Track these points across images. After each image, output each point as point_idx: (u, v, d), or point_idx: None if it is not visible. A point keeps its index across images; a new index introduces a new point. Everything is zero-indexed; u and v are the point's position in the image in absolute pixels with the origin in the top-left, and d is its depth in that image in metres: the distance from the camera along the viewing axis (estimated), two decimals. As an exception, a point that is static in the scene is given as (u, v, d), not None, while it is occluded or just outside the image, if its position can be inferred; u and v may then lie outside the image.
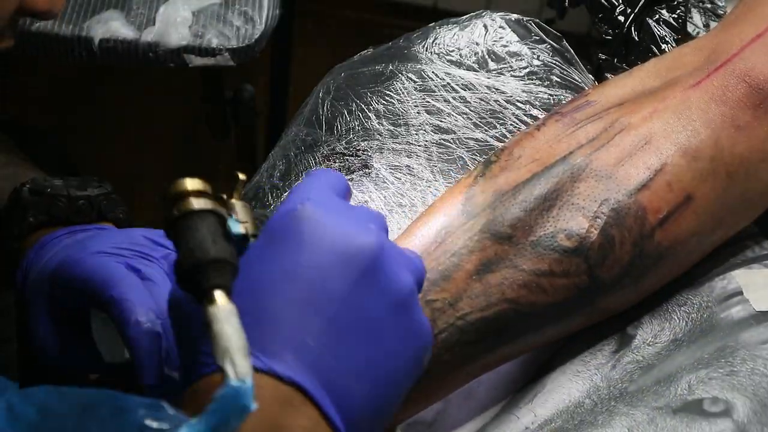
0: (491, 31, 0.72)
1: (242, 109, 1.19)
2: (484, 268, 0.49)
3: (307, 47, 1.57)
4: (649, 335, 0.53)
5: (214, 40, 1.00)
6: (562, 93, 0.69)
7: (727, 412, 0.48)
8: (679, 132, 0.51)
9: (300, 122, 0.71)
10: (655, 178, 0.50)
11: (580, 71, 0.71)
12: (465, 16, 0.73)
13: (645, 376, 0.51)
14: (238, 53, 1.00)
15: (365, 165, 0.65)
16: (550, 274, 0.49)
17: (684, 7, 0.75)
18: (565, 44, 0.72)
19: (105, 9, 1.02)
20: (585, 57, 0.75)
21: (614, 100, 0.55)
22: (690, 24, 0.74)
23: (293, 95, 1.37)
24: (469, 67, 0.70)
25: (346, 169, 0.65)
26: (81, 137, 1.55)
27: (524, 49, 0.71)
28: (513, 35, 0.72)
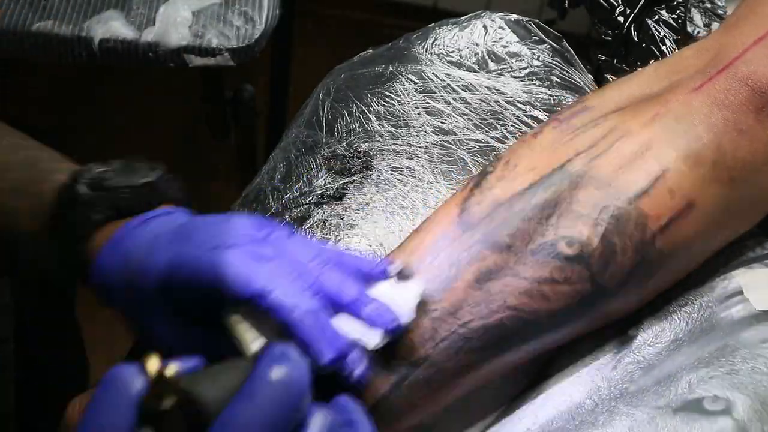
0: (491, 31, 0.72)
1: (242, 109, 1.19)
2: (484, 277, 0.49)
3: (307, 47, 1.57)
4: (650, 336, 0.53)
5: (214, 40, 1.00)
6: (562, 93, 0.69)
7: (728, 411, 0.48)
8: (680, 137, 0.51)
9: (300, 124, 0.71)
10: (655, 185, 0.50)
11: (580, 72, 0.71)
12: (464, 17, 0.73)
13: (645, 376, 0.51)
14: (238, 53, 1.00)
15: (366, 167, 0.65)
16: (551, 281, 0.49)
17: (684, 8, 0.74)
18: (565, 45, 0.72)
19: (105, 9, 1.02)
20: (585, 57, 0.75)
21: (613, 105, 0.55)
22: (690, 24, 0.74)
23: (293, 95, 1.37)
24: (469, 68, 0.70)
25: (347, 170, 0.65)
26: (81, 137, 1.55)
27: (524, 49, 0.71)
28: (513, 36, 0.71)
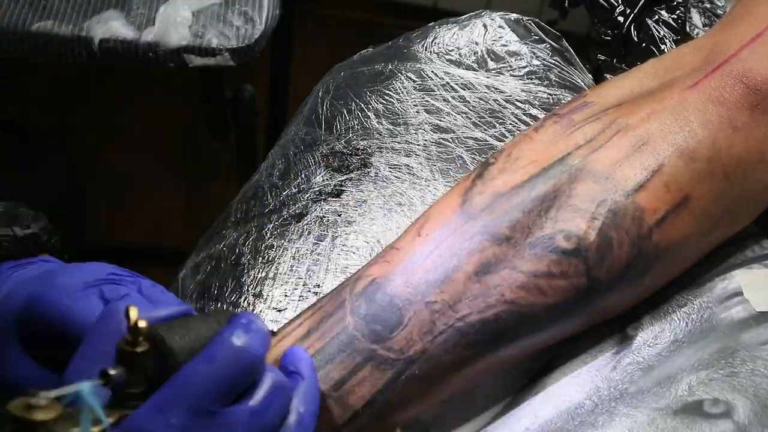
0: (491, 30, 0.72)
1: (242, 109, 1.19)
2: (483, 270, 0.49)
3: (307, 47, 1.57)
4: (650, 336, 0.53)
5: (214, 40, 1.00)
6: (561, 92, 0.69)
7: (728, 414, 0.48)
8: (676, 133, 0.51)
9: (299, 121, 0.71)
10: (652, 179, 0.50)
11: (580, 71, 0.71)
12: (464, 16, 0.73)
13: (645, 377, 0.51)
14: (238, 53, 1.00)
15: (364, 164, 0.65)
16: (548, 276, 0.49)
17: (683, 8, 0.74)
18: (564, 44, 0.72)
19: (105, 9, 1.02)
20: (584, 57, 0.75)
21: (612, 100, 0.55)
22: (689, 24, 0.74)
23: (293, 95, 1.37)
24: (469, 67, 0.70)
25: (345, 168, 0.65)
26: (81, 137, 1.55)
27: (523, 48, 0.71)
28: (512, 35, 0.71)
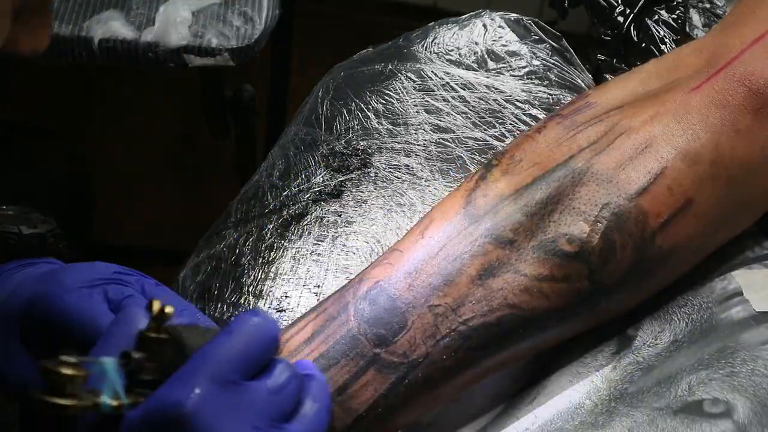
0: (490, 30, 0.72)
1: (242, 109, 1.19)
2: (486, 273, 0.49)
3: (307, 47, 1.57)
4: (650, 336, 0.53)
5: (213, 40, 1.00)
6: (561, 93, 0.69)
7: (728, 413, 0.48)
8: (679, 136, 0.51)
9: (299, 121, 0.71)
10: (655, 183, 0.50)
11: (580, 71, 0.71)
12: (464, 16, 0.73)
13: (645, 377, 0.51)
14: (237, 53, 1.00)
15: (364, 164, 0.65)
16: (551, 279, 0.49)
17: (683, 8, 0.74)
18: (564, 44, 0.72)
19: (105, 9, 1.02)
20: (584, 57, 0.74)
21: (615, 101, 0.55)
22: (689, 24, 0.74)
23: (293, 95, 1.37)
24: (469, 67, 0.70)
25: (345, 168, 0.65)
26: (81, 137, 1.55)
27: (523, 48, 0.71)
28: (512, 35, 0.71)
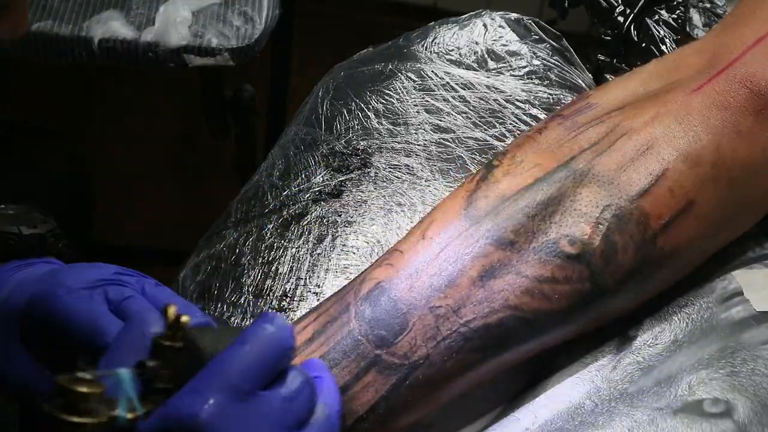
0: (491, 30, 0.72)
1: (242, 109, 1.19)
2: (488, 274, 0.49)
3: (307, 47, 1.57)
4: (650, 336, 0.53)
5: (213, 40, 1.00)
6: (561, 92, 0.69)
7: (728, 413, 0.47)
8: (680, 137, 0.51)
9: (299, 121, 0.71)
10: (656, 184, 0.50)
11: (580, 71, 0.71)
12: (464, 16, 0.73)
13: (645, 377, 0.51)
14: (237, 53, 1.00)
15: (364, 164, 0.65)
16: (552, 281, 0.49)
17: (683, 8, 0.74)
18: (564, 43, 0.72)
19: (105, 9, 1.02)
20: (584, 57, 0.74)
21: (616, 102, 0.55)
22: (689, 24, 0.74)
23: (293, 95, 1.37)
24: (469, 66, 0.70)
25: (345, 168, 0.65)
26: (81, 137, 1.55)
27: (524, 48, 0.71)
28: (512, 34, 0.71)
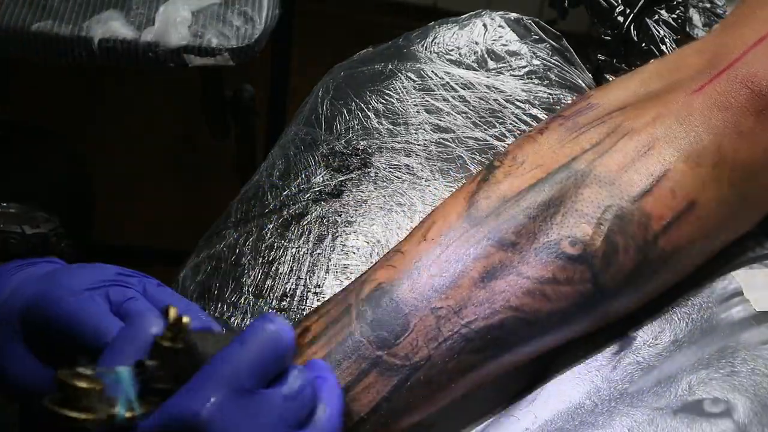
0: (491, 30, 0.72)
1: (242, 109, 1.19)
2: (489, 275, 0.49)
3: (307, 47, 1.57)
4: (650, 336, 0.53)
5: (213, 40, 1.00)
6: (561, 92, 0.69)
7: (728, 413, 0.47)
8: (681, 138, 0.51)
9: (299, 121, 0.71)
10: (658, 185, 0.50)
11: (580, 71, 0.71)
12: (464, 16, 0.73)
13: (645, 377, 0.51)
14: (237, 53, 1.00)
15: (364, 164, 0.65)
16: (553, 282, 0.49)
17: (683, 8, 0.74)
18: (564, 43, 0.72)
19: (105, 9, 1.02)
20: (584, 57, 0.74)
21: (616, 103, 0.55)
22: (689, 24, 0.74)
23: (293, 95, 1.37)
24: (469, 66, 0.70)
25: (345, 168, 0.65)
26: (81, 137, 1.55)
27: (524, 48, 0.71)
28: (512, 34, 0.71)
